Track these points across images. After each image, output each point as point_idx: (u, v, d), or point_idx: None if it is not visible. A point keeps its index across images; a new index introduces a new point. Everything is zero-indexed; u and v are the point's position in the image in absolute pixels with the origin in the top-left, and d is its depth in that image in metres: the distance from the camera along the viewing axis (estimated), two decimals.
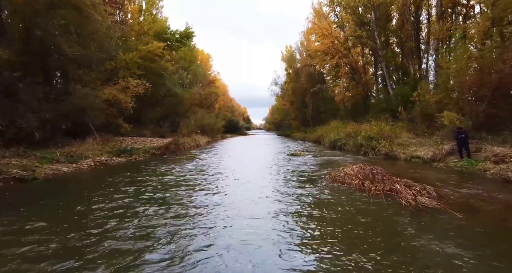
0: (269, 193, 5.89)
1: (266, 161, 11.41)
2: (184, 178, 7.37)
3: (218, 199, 5.45)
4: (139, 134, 20.52)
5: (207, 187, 6.50)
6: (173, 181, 7.18)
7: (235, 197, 5.61)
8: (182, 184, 6.75)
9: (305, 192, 5.95)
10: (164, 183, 7.00)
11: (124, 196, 5.60)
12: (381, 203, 5.00)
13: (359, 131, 16.14)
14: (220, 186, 6.62)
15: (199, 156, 12.69)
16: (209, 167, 9.10)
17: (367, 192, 5.81)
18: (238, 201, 5.24)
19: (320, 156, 12.94)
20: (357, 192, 5.90)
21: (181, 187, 6.52)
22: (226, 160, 11.44)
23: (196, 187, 6.49)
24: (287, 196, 5.63)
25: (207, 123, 27.09)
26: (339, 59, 23.02)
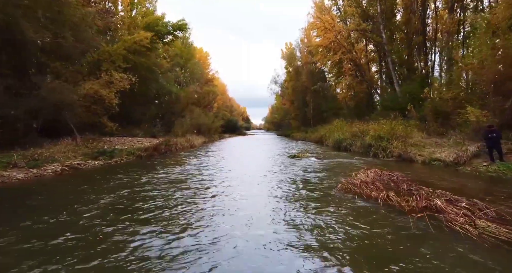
0: (268, 217, 4.32)
1: (264, 165, 9.98)
2: (161, 194, 5.81)
3: (194, 241, 3.32)
4: (131, 134, 19.12)
5: (186, 211, 4.58)
6: (144, 198, 5.32)
7: (222, 230, 3.66)
8: (153, 208, 4.71)
9: (314, 214, 4.46)
10: (130, 201, 5.55)
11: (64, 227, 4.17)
12: (424, 229, 3.55)
13: (367, 130, 14.73)
14: (203, 210, 4.59)
15: (189, 160, 11.25)
16: (195, 176, 7.64)
17: (396, 208, 4.39)
18: (227, 243, 3.25)
19: (325, 158, 11.52)
20: (382, 209, 4.46)
21: (149, 213, 4.44)
22: (219, 165, 10.01)
23: (170, 210, 4.60)
24: (291, 223, 4.10)
25: (203, 123, 25.66)
26: (342, 54, 21.59)
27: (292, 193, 5.75)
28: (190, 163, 10.21)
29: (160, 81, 21.37)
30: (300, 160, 11.13)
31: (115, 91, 12.74)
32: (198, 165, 9.95)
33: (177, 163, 10.33)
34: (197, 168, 9.05)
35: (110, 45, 12.30)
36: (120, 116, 20.02)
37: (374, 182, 6.16)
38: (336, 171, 8.51)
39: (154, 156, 12.22)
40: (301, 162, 10.49)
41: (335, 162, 10.33)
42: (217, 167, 9.48)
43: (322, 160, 10.85)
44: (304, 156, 12.05)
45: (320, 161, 10.71)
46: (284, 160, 11.30)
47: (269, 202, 5.07)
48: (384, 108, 20.03)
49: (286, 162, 10.56)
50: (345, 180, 6.47)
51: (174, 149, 15.29)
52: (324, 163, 10.03)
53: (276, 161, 10.68)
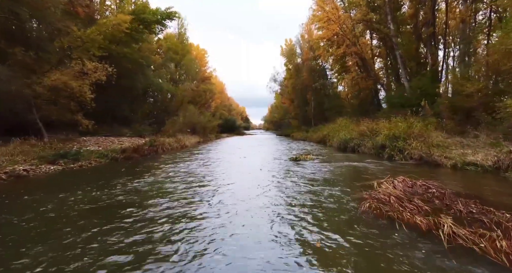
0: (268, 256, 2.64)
1: (262, 170, 8.18)
2: (118, 215, 4.09)
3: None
4: (119, 133, 17.32)
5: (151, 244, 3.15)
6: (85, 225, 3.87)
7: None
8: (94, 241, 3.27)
9: (340, 265, 2.70)
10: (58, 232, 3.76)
11: None
12: None
13: (377, 129, 12.97)
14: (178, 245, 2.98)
15: (173, 163, 9.44)
16: (174, 187, 5.87)
17: (477, 253, 2.61)
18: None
19: (332, 161, 9.73)
20: (453, 258, 2.66)
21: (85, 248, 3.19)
22: (208, 170, 8.21)
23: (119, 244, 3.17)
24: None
25: (198, 122, 23.84)
26: (346, 48, 19.79)
27: (299, 212, 3.98)
28: (174, 168, 8.40)
29: (150, 76, 19.55)
30: (303, 163, 9.34)
31: (90, 84, 10.96)
32: (186, 168, 8.16)
33: (158, 167, 8.53)
34: (185, 174, 7.26)
35: (83, 30, 10.45)
36: (105, 114, 18.28)
37: (411, 199, 4.38)
38: (349, 178, 6.73)
39: (133, 159, 10.42)
40: (304, 166, 8.70)
41: (345, 166, 8.53)
42: (209, 171, 7.69)
43: (329, 164, 9.05)
44: (308, 158, 10.27)
45: (327, 165, 8.91)
46: (285, 163, 9.50)
47: (268, 226, 3.30)
48: (392, 105, 18.29)
49: (287, 166, 8.76)
50: (368, 194, 4.70)
51: (161, 150, 13.49)
52: (332, 168, 8.24)
53: (276, 166, 8.88)
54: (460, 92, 13.11)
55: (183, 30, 33.23)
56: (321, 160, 10.07)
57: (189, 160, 10.03)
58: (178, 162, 9.58)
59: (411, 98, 17.08)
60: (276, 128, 60.42)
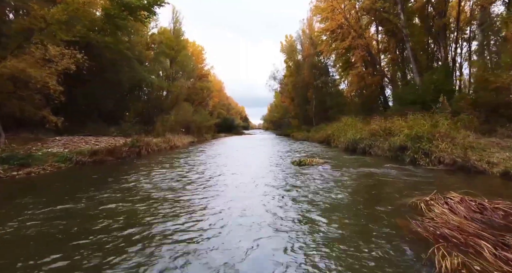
0: None
1: (259, 180, 6.41)
2: None
3: None
4: (104, 133, 15.52)
5: None
6: None
7: None
8: None
9: None
10: None
11: None
12: None
13: (392, 128, 11.24)
14: None
15: (147, 171, 7.67)
16: (142, 211, 4.13)
17: None
18: None
19: (344, 166, 7.97)
20: None
21: None
22: (191, 180, 6.46)
23: None
24: None
25: (192, 120, 22.02)
26: (352, 40, 18.03)
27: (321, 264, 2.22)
28: (151, 175, 6.62)
29: (139, 71, 17.73)
30: (310, 169, 7.57)
31: (58, 74, 9.18)
32: (167, 174, 6.39)
33: (122, 177, 6.75)
34: (163, 184, 5.49)
35: (47, 9, 8.65)
36: (89, 111, 16.48)
37: (505, 240, 2.62)
38: (376, 194, 4.96)
39: (106, 163, 8.64)
40: (312, 174, 6.93)
41: (362, 174, 6.77)
42: (193, 181, 5.92)
43: (341, 170, 7.29)
44: (314, 162, 8.50)
45: (339, 171, 7.14)
46: (288, 170, 7.73)
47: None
48: (401, 102, 16.57)
49: (291, 174, 6.98)
50: (420, 224, 2.95)
51: (145, 151, 11.70)
52: (347, 176, 6.47)
53: (277, 175, 7.09)
54: (485, 87, 11.43)
55: (178, 25, 31.39)
56: (330, 164, 8.30)
57: (170, 167, 8.24)
58: (155, 169, 7.79)
59: (423, 94, 15.33)
60: (276, 128, 58.66)
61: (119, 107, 19.37)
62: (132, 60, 16.10)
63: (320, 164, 8.39)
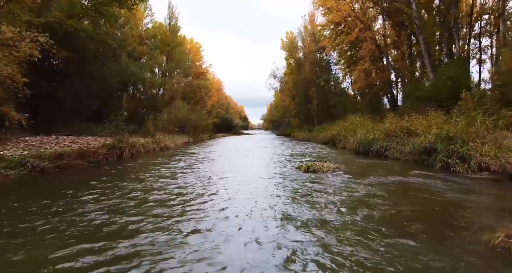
0: None
1: (259, 195, 4.88)
2: None
3: None
4: (90, 132, 13.95)
5: None
6: None
7: None
8: None
9: None
10: None
11: None
12: None
13: (411, 127, 9.74)
14: None
15: (121, 178, 6.13)
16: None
17: None
18: None
19: (362, 174, 6.43)
20: None
21: None
22: (172, 193, 4.92)
23: None
24: None
25: (187, 119, 20.46)
26: (359, 32, 16.52)
27: None
28: (122, 187, 5.09)
29: (128, 65, 16.17)
30: (321, 178, 6.04)
31: (19, 62, 7.66)
32: (145, 183, 4.87)
33: (79, 191, 5.22)
34: (134, 202, 3.98)
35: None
36: (73, 109, 14.91)
37: None
38: (425, 222, 3.41)
39: (74, 168, 7.10)
40: (325, 184, 5.40)
41: (388, 185, 5.23)
42: (174, 194, 4.40)
43: (362, 179, 5.75)
44: (324, 168, 6.96)
45: (359, 181, 5.60)
46: (293, 177, 6.20)
47: None
48: (414, 99, 15.09)
49: (298, 186, 5.43)
50: None
51: (128, 153, 10.17)
52: (372, 188, 4.94)
53: (281, 187, 5.55)
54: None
55: (174, 20, 29.83)
56: (344, 171, 6.78)
57: (150, 175, 6.70)
58: (130, 178, 6.24)
59: (439, 90, 13.82)
60: (276, 128, 57.17)
61: (108, 105, 17.82)
62: (118, 53, 14.54)
63: (332, 170, 6.87)
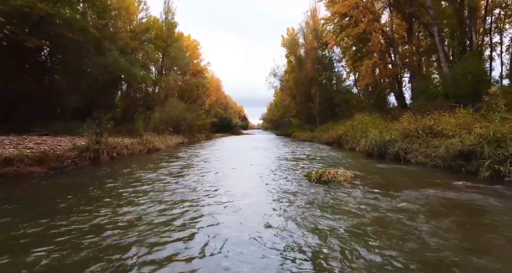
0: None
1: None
2: None
3: None
4: (72, 132, 12.47)
5: None
6: None
7: None
8: None
9: None
10: None
11: None
12: None
13: (433, 127, 8.30)
14: None
15: (71, 194, 4.66)
16: None
17: None
18: None
19: (390, 185, 4.98)
20: None
21: None
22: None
23: None
24: None
25: (182, 118, 18.96)
26: (368, 24, 15.06)
27: None
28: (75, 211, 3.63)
29: (115, 59, 14.67)
30: (339, 191, 4.58)
31: None
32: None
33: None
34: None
35: None
36: (49, 106, 13.41)
37: None
38: None
39: (29, 176, 5.63)
40: (346, 202, 3.94)
41: (438, 205, 3.77)
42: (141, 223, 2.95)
43: (394, 195, 4.27)
44: (340, 176, 5.49)
45: (390, 197, 4.13)
46: (304, 190, 4.73)
47: None
48: (430, 96, 13.67)
49: (311, 203, 3.97)
50: None
51: (107, 156, 8.69)
52: (414, 209, 3.48)
53: (290, 204, 4.08)
54: None
55: (171, 16, 28.35)
56: (364, 181, 5.32)
57: (145, 179, 5.22)
58: (130, 179, 4.77)
59: (457, 86, 12.39)
60: (276, 128, 55.69)
61: (98, 103, 16.33)
62: (104, 46, 13.05)
63: (350, 179, 5.41)
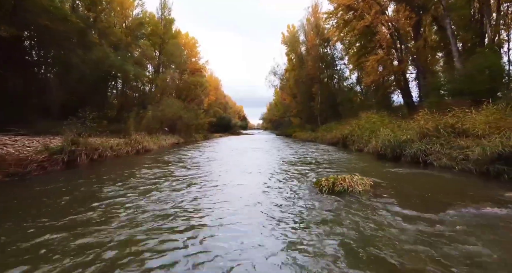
0: None
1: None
2: None
3: None
4: (58, 132, 11.38)
5: None
6: None
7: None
8: None
9: None
10: None
11: None
12: None
13: (456, 125, 7.25)
14: None
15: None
16: None
17: None
18: None
19: (426, 202, 3.91)
20: None
21: None
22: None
23: None
24: None
25: (177, 117, 17.88)
26: (375, 16, 14.00)
27: None
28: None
29: (108, 54, 13.59)
30: (360, 208, 3.50)
31: None
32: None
33: None
34: None
35: None
36: (30, 103, 12.33)
37: None
38: None
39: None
40: (372, 227, 2.87)
41: (505, 233, 2.73)
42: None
43: (435, 215, 3.21)
44: (358, 185, 4.41)
45: (435, 224, 3.08)
46: (314, 205, 3.67)
47: None
48: (444, 93, 12.66)
49: (329, 234, 2.91)
50: None
51: (86, 159, 7.62)
52: (478, 242, 2.42)
53: (295, 232, 3.02)
54: None
55: (167, 12, 27.28)
56: (388, 192, 4.25)
57: (123, 190, 4.15)
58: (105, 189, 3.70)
59: (474, 81, 11.34)
60: (276, 128, 54.62)
61: (88, 101, 15.24)
62: (90, 39, 11.97)
63: (370, 189, 4.35)
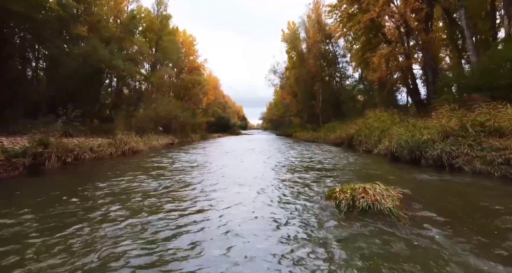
0: None
1: None
2: None
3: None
4: (37, 130, 10.33)
5: None
6: None
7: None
8: None
9: None
10: None
11: None
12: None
13: (486, 123, 6.21)
14: None
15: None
16: None
17: None
18: None
19: (486, 228, 2.87)
20: None
21: None
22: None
23: None
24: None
25: (173, 116, 16.80)
26: (383, 7, 12.94)
27: None
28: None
29: (97, 47, 12.51)
30: (395, 232, 2.46)
31: None
32: None
33: None
34: None
35: None
36: (8, 101, 11.29)
37: None
38: None
39: None
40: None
41: None
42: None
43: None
44: (386, 200, 3.36)
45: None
46: (336, 236, 2.62)
47: None
48: (459, 89, 11.62)
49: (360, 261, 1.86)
50: None
51: (57, 162, 6.57)
52: None
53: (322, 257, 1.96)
54: None
55: (163, 7, 26.24)
56: (432, 211, 3.21)
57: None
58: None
59: (495, 76, 10.28)
60: (275, 128, 53.56)
61: (78, 98, 14.19)
62: (74, 30, 10.90)
63: (401, 205, 3.29)
